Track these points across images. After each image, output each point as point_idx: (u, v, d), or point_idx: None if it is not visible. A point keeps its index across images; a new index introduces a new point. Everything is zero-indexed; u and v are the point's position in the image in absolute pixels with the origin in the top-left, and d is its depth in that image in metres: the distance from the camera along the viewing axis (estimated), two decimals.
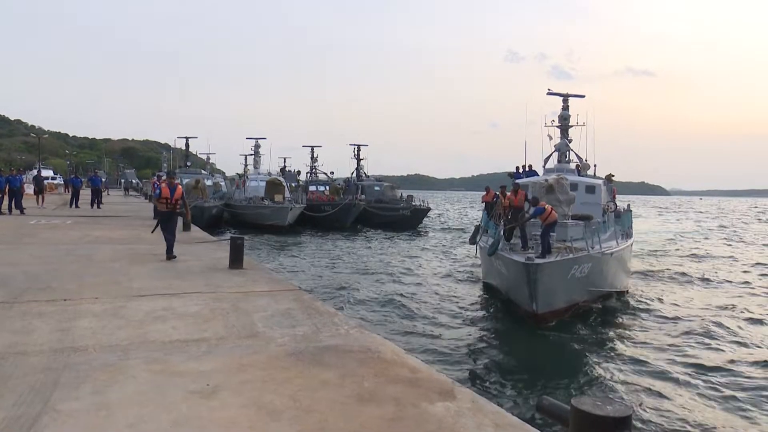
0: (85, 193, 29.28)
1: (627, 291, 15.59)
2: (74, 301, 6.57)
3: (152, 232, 11.24)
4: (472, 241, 18.07)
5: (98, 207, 25.99)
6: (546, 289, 11.44)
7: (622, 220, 17.73)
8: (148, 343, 4.96)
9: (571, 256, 12.25)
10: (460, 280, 18.55)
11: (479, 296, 15.53)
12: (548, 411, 2.44)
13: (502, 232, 13.99)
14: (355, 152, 51.31)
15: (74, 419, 3.36)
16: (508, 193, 15.15)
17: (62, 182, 56.46)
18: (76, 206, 25.68)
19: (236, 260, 9.50)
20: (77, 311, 6.06)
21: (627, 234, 17.32)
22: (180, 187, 10.70)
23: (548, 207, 13.14)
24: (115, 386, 3.90)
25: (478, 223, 20.00)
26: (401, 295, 15.65)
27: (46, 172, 64.24)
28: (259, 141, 47.93)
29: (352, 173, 51.07)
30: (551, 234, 13.10)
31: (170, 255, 10.17)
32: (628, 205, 19.22)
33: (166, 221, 10.54)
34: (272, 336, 5.32)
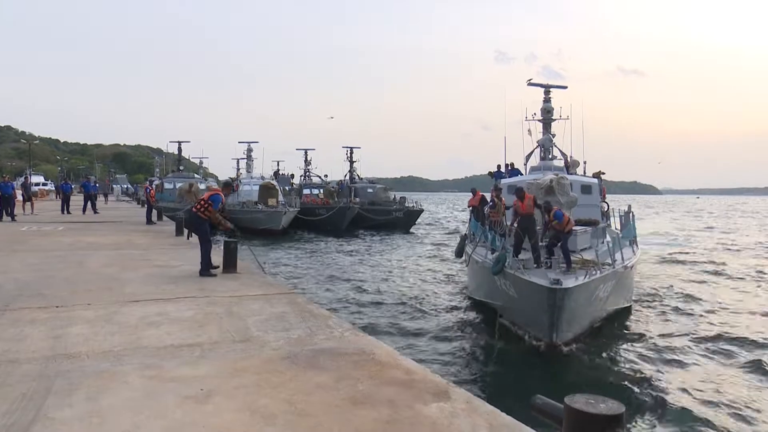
0: (76, 199, 29.14)
1: (632, 305, 14.22)
2: (67, 307, 6.53)
3: (188, 238, 10.17)
4: (459, 253, 16.22)
5: (94, 212, 25.78)
6: (569, 315, 9.76)
7: (629, 226, 15.84)
8: (142, 349, 4.94)
9: (598, 274, 10.52)
10: (451, 289, 17.60)
11: (469, 308, 14.28)
12: (542, 410, 2.45)
13: (508, 246, 12.01)
14: (348, 155, 51.35)
15: (67, 426, 3.34)
16: (514, 199, 12.76)
17: (53, 188, 56.26)
18: (68, 212, 25.54)
19: (230, 264, 9.47)
20: (70, 318, 6.02)
21: (635, 241, 15.59)
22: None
23: (564, 212, 11.60)
24: (109, 393, 3.88)
25: (463, 233, 18.50)
26: (394, 298, 15.64)
27: (37, 179, 63.95)
28: (252, 145, 47.95)
29: (345, 175, 51.10)
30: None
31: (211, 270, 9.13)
32: (629, 207, 17.16)
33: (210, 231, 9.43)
34: (266, 340, 5.30)
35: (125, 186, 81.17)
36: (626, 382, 8.98)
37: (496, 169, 19.15)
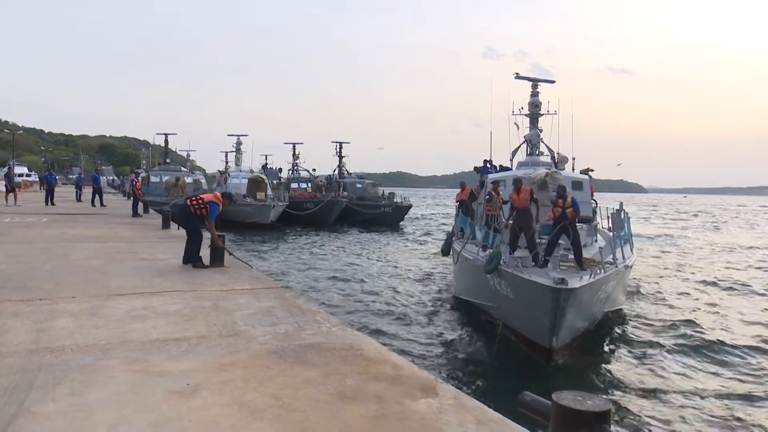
0: (61, 191, 28.75)
1: (623, 307, 13.75)
2: (50, 300, 6.45)
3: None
4: (445, 252, 15.58)
5: (102, 205, 25.44)
6: (571, 318, 9.22)
7: (624, 226, 14.76)
8: (127, 343, 4.89)
9: (603, 274, 10.00)
10: (438, 287, 17.33)
11: (455, 307, 13.93)
12: (529, 406, 2.46)
13: (504, 242, 11.23)
14: (337, 149, 51.27)
15: (51, 421, 3.29)
16: (510, 192, 12.28)
17: (37, 179, 55.51)
18: (52, 204, 25.25)
19: (217, 258, 9.41)
20: (54, 311, 5.94)
21: (629, 241, 14.57)
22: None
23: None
24: (94, 387, 3.83)
25: (449, 231, 17.97)
26: (380, 294, 15.64)
27: (20, 169, 63.06)
28: (241, 138, 47.64)
29: (334, 170, 51.03)
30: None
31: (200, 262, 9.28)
32: (621, 204, 16.24)
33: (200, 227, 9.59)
34: (254, 334, 5.28)
35: (111, 178, 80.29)
36: (614, 382, 9.04)
37: (483, 164, 18.64)
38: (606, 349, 10.90)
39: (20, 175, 53.03)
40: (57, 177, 33.22)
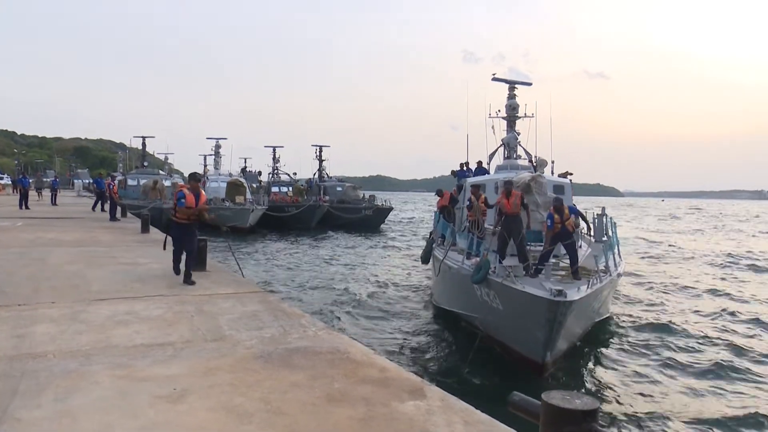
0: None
1: (610, 314, 13.26)
2: (30, 306, 6.34)
3: (164, 248, 9.14)
4: (425, 259, 15.04)
5: (100, 210, 24.81)
6: (566, 331, 8.77)
7: (611, 231, 14.10)
8: (111, 348, 4.84)
9: (599, 283, 9.63)
10: (421, 292, 17.09)
11: (438, 314, 13.59)
12: (519, 406, 2.52)
13: (491, 250, 10.59)
14: (317, 153, 51.17)
15: (36, 427, 3.26)
16: (499, 197, 11.50)
17: (10, 182, 54.33)
18: (26, 207, 24.74)
19: (199, 262, 9.33)
20: (34, 316, 5.84)
21: (618, 247, 13.64)
22: (204, 194, 8.84)
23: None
24: (78, 393, 3.79)
25: (428, 236, 17.47)
26: (363, 298, 15.61)
27: None
28: (220, 141, 47.28)
29: (314, 174, 50.92)
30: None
31: (189, 278, 8.17)
32: (604, 209, 15.55)
33: (184, 234, 8.51)
34: (239, 338, 5.26)
35: (87, 181, 78.82)
36: (602, 383, 9.11)
37: (459, 168, 18.31)
38: (594, 352, 10.91)
39: None
40: (30, 180, 32.51)
